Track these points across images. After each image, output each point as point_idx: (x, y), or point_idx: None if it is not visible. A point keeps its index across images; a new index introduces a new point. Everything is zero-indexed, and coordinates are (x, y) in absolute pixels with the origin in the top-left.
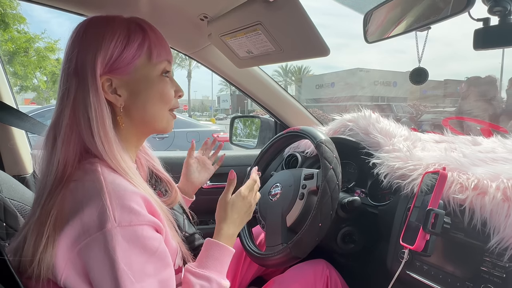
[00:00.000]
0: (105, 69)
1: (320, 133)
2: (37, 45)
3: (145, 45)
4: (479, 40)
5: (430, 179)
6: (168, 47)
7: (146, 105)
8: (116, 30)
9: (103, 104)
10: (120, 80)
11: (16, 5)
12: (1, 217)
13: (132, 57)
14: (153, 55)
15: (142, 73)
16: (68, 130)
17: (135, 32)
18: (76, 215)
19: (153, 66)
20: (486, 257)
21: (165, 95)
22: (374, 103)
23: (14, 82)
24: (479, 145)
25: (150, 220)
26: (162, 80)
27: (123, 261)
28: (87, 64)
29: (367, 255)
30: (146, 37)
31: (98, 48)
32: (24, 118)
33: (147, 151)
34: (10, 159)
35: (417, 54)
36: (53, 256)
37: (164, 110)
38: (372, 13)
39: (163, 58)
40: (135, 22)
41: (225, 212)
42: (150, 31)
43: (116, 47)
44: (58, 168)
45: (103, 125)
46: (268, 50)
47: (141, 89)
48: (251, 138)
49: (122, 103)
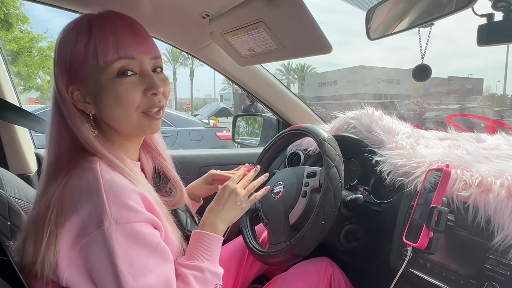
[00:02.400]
0: (67, 79)
1: (322, 131)
2: (40, 44)
3: (90, 46)
4: (483, 36)
5: (433, 176)
6: (124, 43)
7: (106, 111)
8: (68, 35)
9: (75, 114)
10: (83, 88)
11: (19, 5)
12: (6, 216)
13: (81, 63)
14: (99, 56)
15: (94, 78)
16: (59, 134)
17: (82, 34)
18: (74, 213)
19: (102, 69)
20: (490, 255)
21: (120, 98)
22: (377, 101)
23: (17, 82)
24: (483, 142)
25: (147, 217)
26: (114, 83)
27: (123, 258)
28: (55, 77)
29: (370, 253)
30: (91, 37)
31: (58, 58)
32: (28, 116)
33: (159, 149)
34: (14, 158)
35: (420, 51)
36: (56, 254)
37: (129, 114)
38: (374, 9)
39: (113, 57)
40: (87, 21)
41: (212, 202)
42: (96, 28)
43: (67, 53)
44: (53, 168)
45: (81, 131)
46: (270, 47)
47: (97, 95)
48: (254, 136)
49: (91, 110)
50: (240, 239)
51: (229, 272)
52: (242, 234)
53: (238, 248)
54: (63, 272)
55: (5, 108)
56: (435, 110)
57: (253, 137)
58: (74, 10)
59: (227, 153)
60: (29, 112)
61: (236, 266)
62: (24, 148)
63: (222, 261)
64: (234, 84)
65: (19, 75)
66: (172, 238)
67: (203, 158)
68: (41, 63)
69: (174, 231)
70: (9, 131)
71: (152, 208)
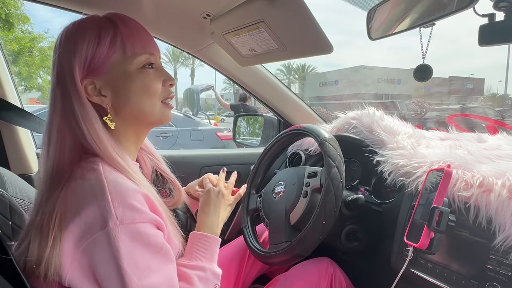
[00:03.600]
0: (84, 72)
1: (323, 131)
2: (41, 44)
3: (117, 40)
4: (484, 36)
5: (434, 176)
6: (146, 38)
7: (131, 101)
8: (87, 31)
9: (88, 108)
10: (101, 81)
11: (20, 5)
12: (7, 216)
13: (106, 55)
14: (127, 49)
15: (119, 70)
16: (60, 135)
17: (105, 29)
18: (78, 214)
19: (129, 60)
20: (492, 255)
21: (148, 87)
22: (378, 101)
23: (18, 82)
24: (485, 142)
25: (152, 217)
26: (142, 73)
27: (127, 259)
28: (65, 71)
29: (371, 253)
30: (117, 32)
31: (72, 53)
32: (29, 117)
33: (152, 151)
34: (16, 158)
35: (421, 50)
36: (60, 256)
37: (153, 102)
38: (375, 9)
39: (139, 50)
40: (106, 18)
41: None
42: (121, 24)
43: (89, 48)
44: (54, 170)
45: (93, 128)
46: (271, 48)
47: (122, 86)
48: (255, 136)
49: (108, 103)
50: (241, 239)
51: (230, 272)
52: (243, 234)
53: (239, 248)
54: (66, 272)
55: (6, 108)
56: (436, 110)
57: (254, 137)
58: (75, 10)
59: (227, 153)
60: (30, 113)
61: (237, 266)
62: (25, 148)
63: (223, 261)
64: (235, 84)
65: (20, 75)
66: (173, 239)
67: (204, 158)
68: (41, 63)
69: (175, 232)
70: (11, 131)
71: (156, 208)
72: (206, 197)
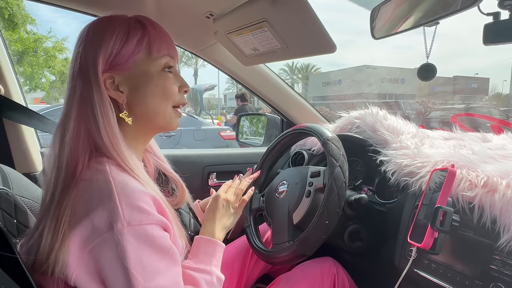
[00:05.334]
0: (106, 66)
1: (326, 130)
2: (45, 45)
3: (144, 41)
4: (489, 34)
5: (438, 176)
6: (170, 43)
7: (147, 100)
8: (116, 27)
9: (106, 100)
10: (121, 77)
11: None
12: (12, 214)
13: (132, 53)
14: (152, 50)
15: (142, 69)
16: (76, 126)
17: (134, 28)
18: (86, 215)
19: (153, 61)
20: (496, 256)
21: (166, 90)
22: (382, 100)
23: (23, 82)
24: (489, 142)
25: (159, 219)
26: (163, 75)
27: (134, 260)
28: (89, 62)
29: (374, 253)
30: (145, 33)
31: (99, 46)
32: (33, 116)
33: (155, 150)
34: (20, 157)
35: (425, 50)
36: (67, 254)
37: (166, 106)
38: (379, 8)
39: (164, 53)
40: (136, 19)
41: (207, 213)
42: (150, 26)
43: (116, 43)
44: (68, 164)
45: (108, 121)
46: (274, 47)
47: (141, 84)
48: (258, 136)
49: (124, 99)
50: (244, 238)
51: (232, 272)
52: (246, 234)
53: (242, 248)
54: (72, 271)
55: (11, 107)
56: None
57: (257, 136)
58: (78, 10)
59: (231, 153)
60: (34, 112)
61: (239, 266)
62: (30, 147)
63: (226, 261)
64: (238, 83)
65: (25, 75)
66: (178, 239)
67: (207, 157)
68: (46, 63)
69: (180, 232)
70: (15, 130)
71: (163, 209)
72: (212, 204)
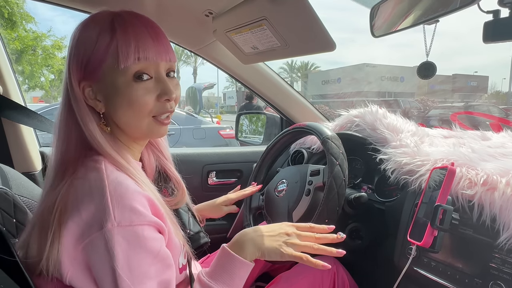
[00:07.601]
0: (81, 74)
1: (326, 129)
2: (44, 43)
3: (111, 48)
4: (488, 32)
5: (438, 174)
6: (149, 45)
7: (118, 113)
8: (88, 32)
9: (84, 110)
10: (96, 86)
11: (22, 3)
12: (11, 214)
13: (99, 62)
14: (119, 58)
15: (109, 79)
16: (67, 129)
17: (104, 33)
18: (78, 212)
19: (120, 71)
20: (496, 254)
21: (133, 102)
22: (381, 99)
23: (22, 81)
24: (489, 140)
25: (151, 220)
26: (130, 86)
27: (122, 262)
28: (67, 70)
29: (374, 252)
30: (113, 39)
31: (72, 53)
32: (32, 115)
33: (161, 147)
34: (19, 156)
35: (425, 48)
36: (59, 253)
37: (140, 118)
38: (379, 6)
39: (133, 61)
40: (109, 21)
41: (262, 225)
42: (120, 31)
43: (86, 50)
44: (60, 164)
45: (88, 129)
46: (273, 45)
47: (110, 96)
48: (257, 135)
49: (102, 108)
50: None
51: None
52: None
53: None
54: (67, 270)
55: (10, 107)
56: (440, 108)
57: (256, 135)
58: (77, 8)
59: (230, 151)
60: (33, 112)
61: None
62: (29, 146)
63: None
64: (237, 82)
65: (23, 74)
66: (175, 238)
67: (206, 156)
68: (45, 62)
69: (177, 232)
70: (14, 129)
71: (157, 210)
72: (275, 223)
